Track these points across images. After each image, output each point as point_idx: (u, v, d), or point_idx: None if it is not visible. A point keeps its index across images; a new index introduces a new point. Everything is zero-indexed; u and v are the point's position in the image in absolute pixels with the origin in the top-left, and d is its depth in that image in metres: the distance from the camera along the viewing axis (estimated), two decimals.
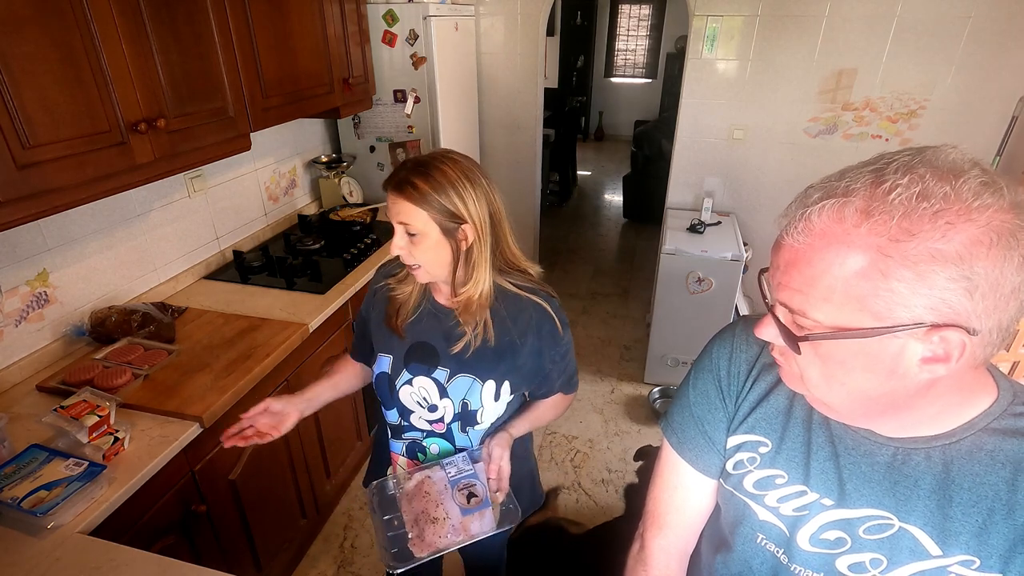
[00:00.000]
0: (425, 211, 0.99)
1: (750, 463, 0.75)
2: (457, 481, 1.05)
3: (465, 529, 1.02)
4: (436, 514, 1.01)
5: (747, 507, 0.75)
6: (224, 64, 1.65)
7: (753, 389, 0.75)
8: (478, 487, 1.05)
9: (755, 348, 0.76)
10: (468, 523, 1.03)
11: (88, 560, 1.05)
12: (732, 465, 0.77)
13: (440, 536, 1.00)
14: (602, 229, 5.43)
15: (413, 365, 1.12)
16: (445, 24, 2.66)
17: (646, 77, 8.19)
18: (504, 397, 1.14)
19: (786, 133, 2.94)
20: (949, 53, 2.60)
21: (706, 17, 2.82)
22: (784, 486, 0.71)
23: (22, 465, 1.18)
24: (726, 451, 0.78)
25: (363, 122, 2.80)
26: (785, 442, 0.72)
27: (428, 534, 1.00)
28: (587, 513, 2.30)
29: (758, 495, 0.74)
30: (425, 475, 1.06)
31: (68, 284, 1.65)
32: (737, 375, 0.77)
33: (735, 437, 0.76)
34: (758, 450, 0.74)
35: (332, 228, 2.48)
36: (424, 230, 1.01)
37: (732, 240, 2.81)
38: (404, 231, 1.02)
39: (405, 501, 1.04)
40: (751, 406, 0.75)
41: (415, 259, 1.04)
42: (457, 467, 1.06)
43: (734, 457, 0.76)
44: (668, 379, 2.99)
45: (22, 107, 1.14)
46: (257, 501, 1.69)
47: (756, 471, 0.74)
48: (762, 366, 0.75)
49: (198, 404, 1.42)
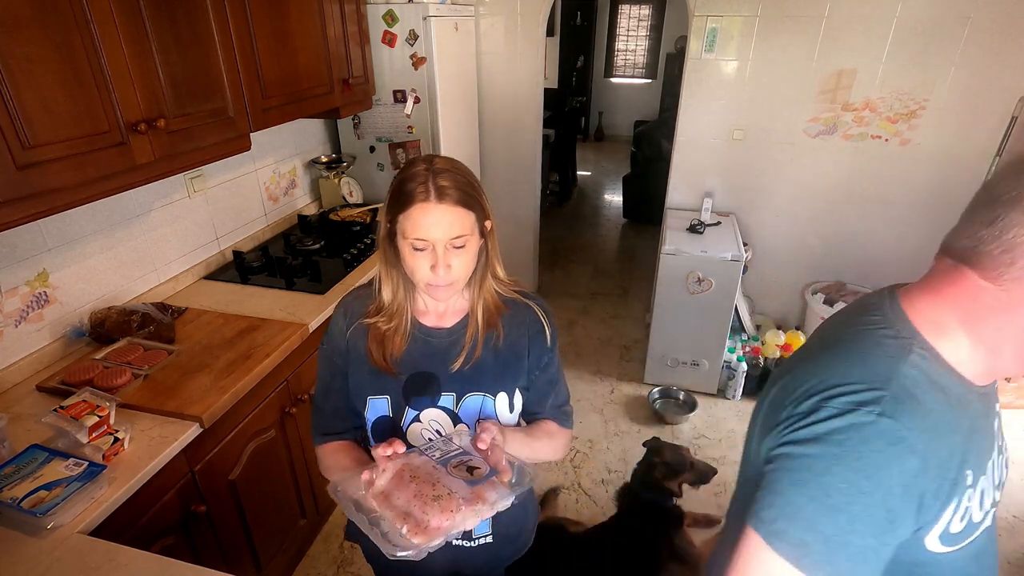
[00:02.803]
0: (473, 212, 0.90)
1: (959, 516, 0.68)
2: (447, 460, 0.85)
3: (481, 498, 0.80)
4: (437, 492, 0.79)
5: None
6: (224, 64, 1.65)
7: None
8: (475, 460, 0.86)
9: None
10: (482, 492, 0.81)
11: (88, 560, 1.05)
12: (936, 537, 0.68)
13: (454, 511, 0.77)
14: (602, 229, 5.43)
15: (416, 399, 0.99)
16: (445, 24, 2.66)
17: (646, 77, 8.19)
18: (518, 407, 1.05)
19: (786, 133, 2.94)
20: (949, 53, 2.60)
21: (706, 17, 2.82)
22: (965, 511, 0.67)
23: (22, 465, 1.18)
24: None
25: (363, 122, 2.80)
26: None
27: (435, 515, 0.77)
28: (587, 513, 2.30)
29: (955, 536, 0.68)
30: (403, 463, 0.83)
31: (68, 284, 1.65)
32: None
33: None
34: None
35: (332, 228, 2.48)
36: (472, 234, 0.91)
37: (732, 240, 2.81)
38: (447, 245, 0.88)
39: (381, 500, 0.80)
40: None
41: (454, 274, 0.91)
42: (441, 450, 0.87)
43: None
44: (668, 379, 2.99)
45: (22, 107, 1.14)
46: (257, 501, 1.69)
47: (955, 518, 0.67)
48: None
49: (198, 404, 1.42)
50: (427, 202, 0.86)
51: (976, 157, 2.72)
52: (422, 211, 0.87)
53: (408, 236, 0.89)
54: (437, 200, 0.86)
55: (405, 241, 0.90)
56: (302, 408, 1.85)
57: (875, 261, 3.10)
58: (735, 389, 2.92)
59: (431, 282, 0.91)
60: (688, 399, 2.90)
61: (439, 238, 0.87)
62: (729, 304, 2.75)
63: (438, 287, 0.92)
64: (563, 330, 3.63)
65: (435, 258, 0.89)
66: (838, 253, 3.15)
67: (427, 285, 0.92)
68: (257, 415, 1.64)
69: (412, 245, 0.89)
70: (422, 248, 0.89)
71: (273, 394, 1.70)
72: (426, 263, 0.90)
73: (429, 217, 0.87)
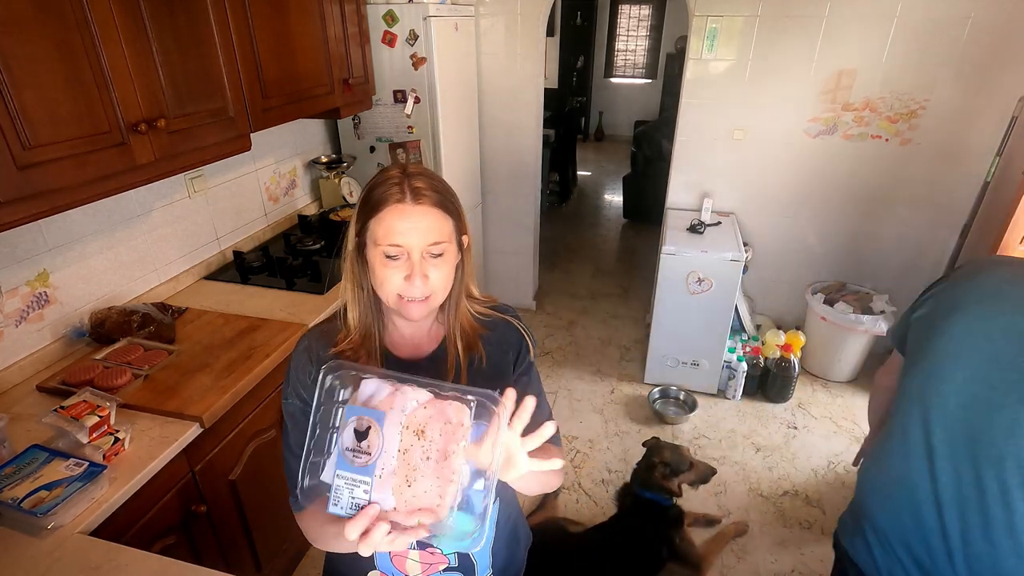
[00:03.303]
0: (451, 219, 0.82)
1: None
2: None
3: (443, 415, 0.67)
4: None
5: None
6: (224, 64, 1.65)
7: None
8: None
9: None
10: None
11: (88, 560, 1.05)
12: None
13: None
14: (602, 229, 5.43)
15: None
16: (445, 24, 2.66)
17: (646, 77, 8.19)
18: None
19: (786, 133, 2.94)
20: (949, 53, 2.60)
21: (706, 17, 2.82)
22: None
23: (22, 465, 1.18)
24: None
25: (363, 122, 2.80)
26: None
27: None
28: (587, 513, 2.30)
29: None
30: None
31: (68, 284, 1.65)
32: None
33: None
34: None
35: (332, 228, 2.48)
36: (450, 243, 0.82)
37: (732, 240, 2.81)
38: (423, 252, 0.80)
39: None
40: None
41: (431, 285, 0.81)
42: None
43: None
44: (668, 379, 2.99)
45: (23, 107, 1.14)
46: (257, 501, 1.69)
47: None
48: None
49: (198, 404, 1.42)
50: (402, 203, 0.78)
51: (976, 157, 2.73)
52: (396, 213, 0.78)
53: (380, 243, 0.79)
54: (413, 201, 0.78)
55: (376, 249, 0.80)
56: None
57: (875, 261, 3.10)
58: (735, 389, 2.92)
59: (405, 294, 0.81)
60: (688, 399, 2.90)
61: (415, 244, 0.78)
62: (729, 304, 2.75)
63: (412, 303, 0.81)
64: (563, 330, 3.63)
65: (410, 267, 0.79)
66: (838, 253, 3.15)
67: (399, 300, 0.81)
68: (257, 415, 1.64)
69: (384, 252, 0.79)
70: (395, 256, 0.79)
71: (273, 394, 1.70)
72: (399, 274, 0.80)
73: (404, 221, 0.78)
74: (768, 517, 2.28)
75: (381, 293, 0.83)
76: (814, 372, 3.14)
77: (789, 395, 2.93)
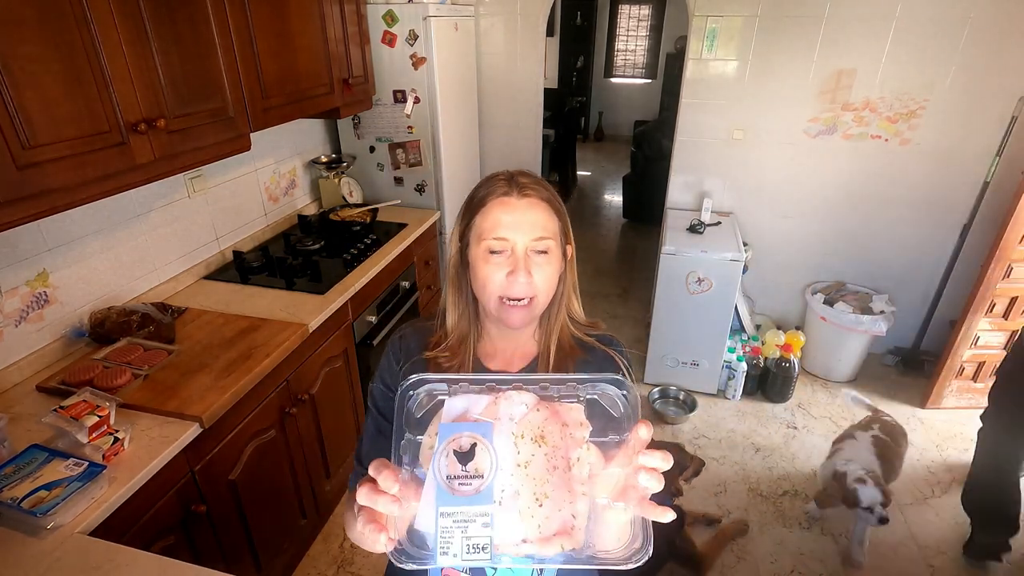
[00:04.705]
0: (557, 219, 0.80)
1: None
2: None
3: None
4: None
5: None
6: (224, 64, 1.65)
7: None
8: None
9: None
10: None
11: (88, 560, 1.05)
12: None
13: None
14: (602, 229, 5.43)
15: None
16: (445, 24, 2.66)
17: (646, 77, 8.19)
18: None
19: (786, 133, 2.94)
20: (949, 53, 2.60)
21: (706, 17, 2.82)
22: None
23: (22, 465, 1.18)
24: None
25: (363, 122, 2.80)
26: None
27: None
28: None
29: None
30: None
31: (68, 284, 1.65)
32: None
33: None
34: None
35: (332, 228, 2.48)
36: (555, 242, 0.79)
37: (732, 240, 2.81)
38: (528, 249, 0.77)
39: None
40: None
41: (535, 286, 0.78)
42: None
43: None
44: (668, 379, 2.99)
45: (22, 107, 1.14)
46: (257, 501, 1.69)
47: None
48: None
49: (198, 404, 1.42)
50: (508, 196, 0.78)
51: (976, 157, 2.73)
52: (502, 206, 0.77)
53: (485, 237, 0.77)
54: (519, 195, 0.78)
55: (480, 246, 0.78)
56: (302, 408, 1.86)
57: (875, 261, 3.10)
58: (735, 389, 2.92)
59: (507, 294, 0.78)
60: (688, 399, 2.90)
61: (520, 238, 0.76)
62: (729, 304, 2.75)
63: (514, 308, 0.78)
64: None
65: (514, 263, 0.77)
66: (838, 253, 3.15)
67: (500, 303, 0.79)
68: (257, 415, 1.64)
69: (488, 247, 0.77)
70: (499, 250, 0.77)
71: (273, 394, 1.71)
72: (502, 271, 0.77)
73: (510, 214, 0.77)
74: (768, 517, 2.28)
75: (482, 296, 0.80)
76: (814, 372, 3.14)
77: (789, 395, 2.93)
